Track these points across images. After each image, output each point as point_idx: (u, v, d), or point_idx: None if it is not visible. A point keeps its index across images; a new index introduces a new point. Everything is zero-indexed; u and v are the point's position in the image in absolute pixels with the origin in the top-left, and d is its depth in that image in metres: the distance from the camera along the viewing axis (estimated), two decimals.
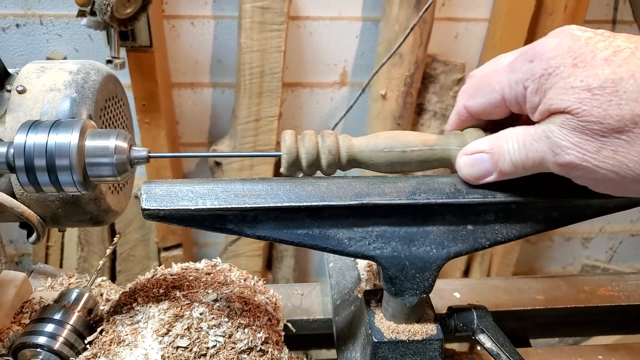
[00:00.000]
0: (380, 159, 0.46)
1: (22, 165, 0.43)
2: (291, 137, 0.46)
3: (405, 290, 0.48)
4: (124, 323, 0.53)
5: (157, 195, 0.44)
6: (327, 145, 0.45)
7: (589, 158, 0.37)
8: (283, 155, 0.45)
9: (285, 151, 0.45)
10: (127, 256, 1.56)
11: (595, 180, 0.39)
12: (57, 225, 0.61)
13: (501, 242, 0.49)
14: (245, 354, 0.51)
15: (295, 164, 0.46)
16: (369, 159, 0.46)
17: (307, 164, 0.46)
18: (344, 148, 0.46)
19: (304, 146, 0.45)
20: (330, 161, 0.46)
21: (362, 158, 0.46)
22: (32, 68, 0.59)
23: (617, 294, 0.74)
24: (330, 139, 0.46)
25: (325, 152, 0.45)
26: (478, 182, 0.45)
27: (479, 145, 0.44)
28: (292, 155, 0.45)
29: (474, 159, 0.44)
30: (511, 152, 0.41)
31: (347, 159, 0.46)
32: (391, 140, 0.46)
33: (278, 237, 0.46)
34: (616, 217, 1.88)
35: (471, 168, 0.45)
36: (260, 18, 1.27)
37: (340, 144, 0.46)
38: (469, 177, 0.45)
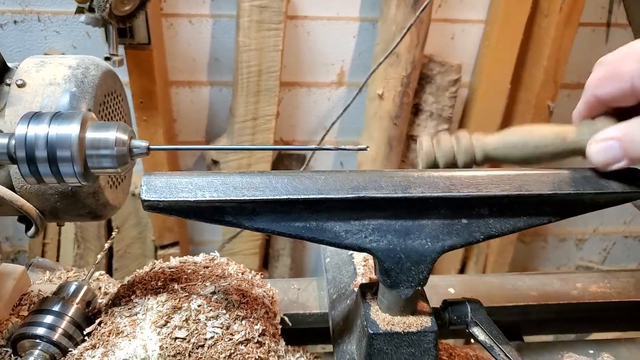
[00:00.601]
0: (515, 156, 0.48)
1: (23, 156, 0.43)
2: (428, 142, 0.48)
3: (401, 282, 0.48)
4: (123, 315, 0.53)
5: (157, 186, 0.44)
6: (463, 147, 0.48)
7: None
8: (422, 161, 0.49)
9: (425, 159, 0.48)
10: (123, 253, 1.56)
11: None
12: (55, 219, 0.61)
13: (495, 236, 0.49)
14: (242, 346, 0.51)
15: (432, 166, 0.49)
16: (504, 156, 0.48)
17: (444, 166, 0.49)
18: (479, 148, 0.48)
19: (441, 152, 0.48)
20: (466, 162, 0.48)
21: (497, 155, 0.48)
22: (32, 62, 0.60)
23: (609, 291, 0.75)
24: (464, 141, 0.48)
25: (461, 153, 0.48)
26: (608, 169, 0.45)
27: (610, 132, 0.44)
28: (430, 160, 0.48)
29: (605, 146, 0.44)
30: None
31: (482, 158, 0.48)
32: (525, 137, 0.47)
33: (276, 229, 0.47)
34: (610, 219, 1.89)
35: (601, 155, 0.45)
36: (258, 17, 1.28)
37: (474, 144, 0.48)
38: (598, 163, 0.45)
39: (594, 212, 1.54)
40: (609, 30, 1.55)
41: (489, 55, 1.43)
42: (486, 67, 1.45)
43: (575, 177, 0.49)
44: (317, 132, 1.59)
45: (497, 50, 1.42)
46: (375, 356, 0.50)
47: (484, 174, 0.48)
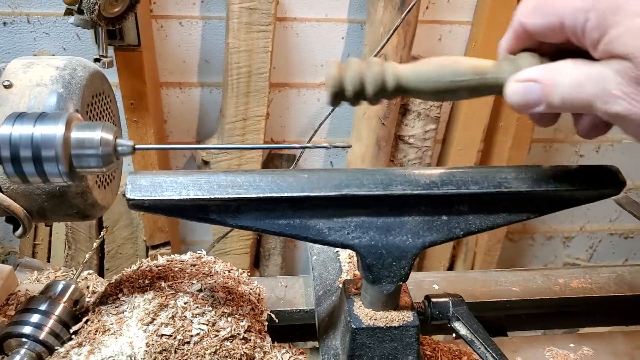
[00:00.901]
0: (429, 87, 0.44)
1: (7, 156, 0.44)
2: (336, 67, 0.43)
3: (383, 277, 0.50)
4: (110, 313, 0.54)
5: (141, 185, 0.45)
6: (373, 73, 0.43)
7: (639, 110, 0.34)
8: (328, 86, 0.43)
9: (331, 82, 0.43)
10: (115, 254, 1.56)
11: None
12: (43, 219, 0.62)
13: (475, 232, 0.51)
14: (228, 342, 0.52)
15: (340, 94, 0.43)
16: (416, 87, 0.44)
17: (353, 93, 0.43)
18: (390, 76, 0.43)
19: (350, 75, 0.43)
20: (376, 90, 0.43)
21: (410, 87, 0.44)
22: (19, 63, 0.60)
23: (590, 286, 0.76)
24: (376, 67, 0.43)
25: (371, 80, 0.43)
26: (525, 112, 0.42)
27: (531, 73, 0.41)
28: (337, 86, 0.43)
29: (525, 87, 0.41)
30: (564, 86, 0.38)
31: (393, 88, 0.43)
32: (441, 68, 0.43)
33: (260, 227, 0.47)
34: (596, 217, 1.92)
35: (520, 96, 0.41)
36: (248, 19, 1.29)
37: (386, 72, 0.43)
38: (516, 105, 0.42)
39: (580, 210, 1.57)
40: None
41: (476, 56, 1.44)
42: None
43: (553, 174, 0.50)
44: (307, 132, 1.60)
45: (483, 51, 1.44)
46: (359, 350, 0.51)
47: (463, 171, 0.50)
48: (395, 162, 1.57)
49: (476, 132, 1.56)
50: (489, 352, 0.51)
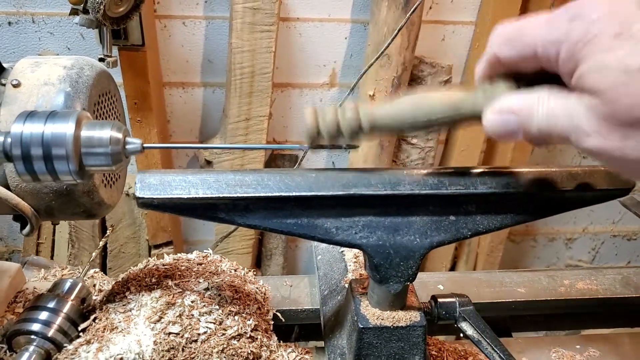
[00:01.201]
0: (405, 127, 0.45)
1: (19, 154, 0.44)
2: (312, 115, 0.45)
3: (390, 277, 0.50)
4: (117, 311, 0.54)
5: (151, 184, 0.45)
6: (348, 120, 0.45)
7: (611, 147, 0.34)
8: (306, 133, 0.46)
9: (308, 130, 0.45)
10: (117, 253, 1.56)
11: (621, 167, 0.37)
12: (50, 217, 0.62)
13: (482, 232, 0.51)
14: (235, 340, 0.52)
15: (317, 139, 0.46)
16: (393, 125, 0.45)
17: (330, 139, 0.45)
18: (365, 121, 0.45)
19: (325, 123, 0.45)
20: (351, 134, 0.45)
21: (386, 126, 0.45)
22: (27, 63, 0.60)
23: (596, 288, 0.76)
24: (350, 113, 0.45)
25: (346, 127, 0.45)
26: (504, 141, 0.43)
27: (507, 103, 0.41)
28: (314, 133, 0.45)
29: (501, 118, 0.41)
30: (540, 118, 0.38)
31: (368, 129, 0.45)
32: (416, 109, 0.44)
33: (268, 226, 0.48)
34: (599, 218, 1.92)
35: (498, 127, 0.42)
36: (251, 19, 1.29)
37: (361, 118, 0.45)
38: (494, 135, 0.42)
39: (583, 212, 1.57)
40: None
41: (479, 57, 1.45)
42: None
43: (561, 175, 0.50)
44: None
45: None
46: (365, 350, 0.52)
47: (471, 171, 0.50)
48: (398, 162, 1.57)
49: (479, 133, 1.56)
50: (497, 352, 0.51)
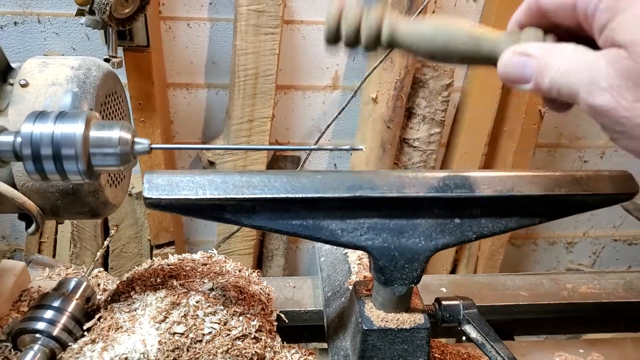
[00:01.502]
0: (422, 46, 0.43)
1: (29, 154, 0.44)
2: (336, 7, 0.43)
3: (395, 280, 0.50)
4: (122, 310, 0.54)
5: (158, 184, 0.45)
6: (369, 22, 0.43)
7: (622, 107, 0.33)
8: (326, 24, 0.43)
9: (329, 21, 0.43)
10: (119, 253, 1.56)
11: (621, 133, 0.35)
12: (56, 217, 0.62)
13: (487, 235, 0.51)
14: (239, 341, 0.53)
15: (335, 35, 0.43)
16: (411, 44, 0.43)
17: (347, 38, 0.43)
18: (387, 27, 0.43)
19: (347, 18, 0.43)
20: (369, 39, 0.43)
21: (404, 42, 0.43)
22: (35, 63, 0.61)
23: (599, 292, 0.76)
24: (374, 16, 0.43)
25: (366, 28, 0.43)
26: (513, 85, 0.40)
27: (529, 48, 0.39)
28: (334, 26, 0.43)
29: (519, 60, 0.39)
30: (556, 70, 0.37)
31: (387, 40, 0.43)
32: (438, 29, 0.42)
33: (274, 227, 0.48)
34: (600, 222, 1.92)
35: (512, 67, 0.40)
36: (256, 21, 1.29)
37: (383, 23, 0.43)
38: (504, 75, 0.40)
39: (584, 216, 1.57)
40: None
41: None
42: (478, 72, 1.47)
43: (566, 179, 0.51)
44: (311, 134, 1.60)
45: None
46: (369, 352, 0.52)
47: (477, 174, 0.50)
48: (400, 165, 1.58)
49: (480, 136, 1.56)
50: (500, 355, 0.51)
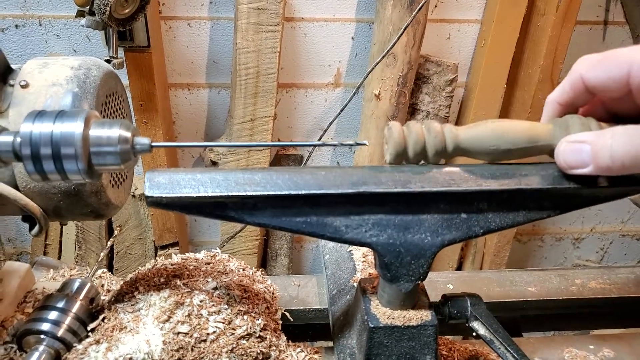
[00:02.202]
0: (485, 153, 0.47)
1: (28, 154, 0.44)
2: (398, 129, 0.47)
3: (401, 276, 0.49)
4: (126, 311, 0.54)
5: (160, 183, 0.45)
6: (434, 140, 0.47)
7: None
8: (391, 150, 0.47)
9: (395, 144, 0.47)
10: (124, 254, 1.56)
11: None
12: (59, 218, 0.62)
13: (494, 230, 0.50)
14: (244, 340, 0.52)
15: (401, 156, 0.47)
16: (475, 151, 0.47)
17: (414, 158, 0.47)
18: (450, 143, 0.47)
19: (412, 140, 0.47)
20: (436, 153, 0.47)
21: (468, 150, 0.47)
22: (35, 64, 0.60)
23: (609, 287, 0.75)
24: (435, 131, 0.47)
25: (432, 146, 0.47)
26: (572, 172, 0.45)
27: (582, 136, 0.43)
28: (400, 150, 0.47)
29: (574, 147, 0.43)
30: (614, 147, 0.40)
31: (452, 151, 0.47)
32: (498, 136, 0.46)
33: (277, 224, 0.47)
34: (607, 218, 1.90)
35: (569, 155, 0.44)
36: (256, 19, 1.29)
37: (446, 136, 0.47)
38: (564, 163, 0.44)
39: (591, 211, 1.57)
40: (606, 29, 1.57)
41: (485, 55, 1.44)
42: (482, 67, 1.46)
43: None
44: (314, 133, 1.60)
45: (493, 50, 1.43)
46: (376, 349, 0.51)
47: (483, 168, 0.49)
48: None
49: None
50: (510, 352, 0.51)
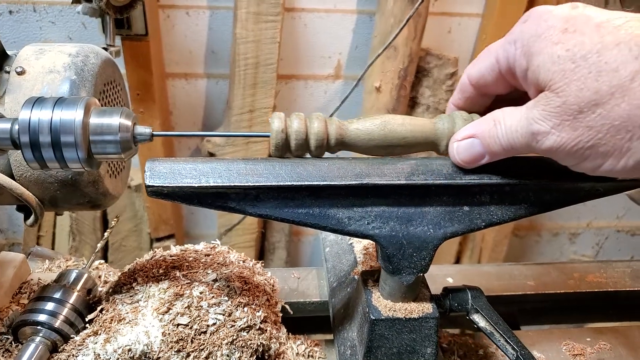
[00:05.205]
0: (370, 147, 0.47)
1: (27, 142, 0.43)
2: (280, 119, 0.46)
3: (403, 268, 0.49)
4: (124, 302, 0.53)
5: (160, 172, 0.44)
6: (315, 129, 0.46)
7: (566, 139, 0.37)
8: (272, 139, 0.46)
9: (273, 134, 0.46)
10: (119, 246, 1.55)
11: (574, 159, 0.39)
12: (55, 208, 0.61)
13: (496, 223, 0.50)
14: (244, 332, 0.52)
15: (283, 146, 0.46)
16: (361, 145, 0.47)
17: (296, 147, 0.46)
18: (334, 133, 0.46)
19: (292, 130, 0.46)
20: (318, 146, 0.46)
21: (354, 144, 0.47)
22: (31, 50, 0.59)
23: (605, 280, 0.76)
24: (318, 122, 0.46)
25: (313, 136, 0.46)
26: (472, 166, 0.46)
27: (467, 130, 0.45)
28: (280, 140, 0.46)
29: (466, 144, 0.45)
30: (500, 135, 0.42)
31: (335, 144, 0.47)
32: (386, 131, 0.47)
33: (279, 215, 0.47)
34: (603, 213, 1.91)
35: (463, 153, 0.45)
36: (256, 9, 1.27)
37: (329, 129, 0.46)
38: (462, 162, 0.46)
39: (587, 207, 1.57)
40: None
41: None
42: None
43: None
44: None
45: None
46: (377, 342, 0.51)
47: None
48: None
49: None
50: (510, 344, 0.51)
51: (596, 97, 0.35)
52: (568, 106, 0.36)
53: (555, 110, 0.37)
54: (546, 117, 0.37)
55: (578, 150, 0.37)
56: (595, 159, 0.38)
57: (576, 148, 0.37)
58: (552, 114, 0.37)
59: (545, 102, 0.37)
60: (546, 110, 0.37)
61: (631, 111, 0.34)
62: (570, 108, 0.36)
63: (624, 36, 0.34)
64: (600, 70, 0.34)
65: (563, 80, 0.36)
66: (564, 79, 0.36)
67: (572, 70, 0.35)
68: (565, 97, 0.36)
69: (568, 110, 0.36)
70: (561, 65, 0.36)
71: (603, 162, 0.37)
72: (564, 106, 0.36)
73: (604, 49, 0.35)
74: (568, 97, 0.36)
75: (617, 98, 0.34)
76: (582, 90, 0.35)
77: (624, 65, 0.34)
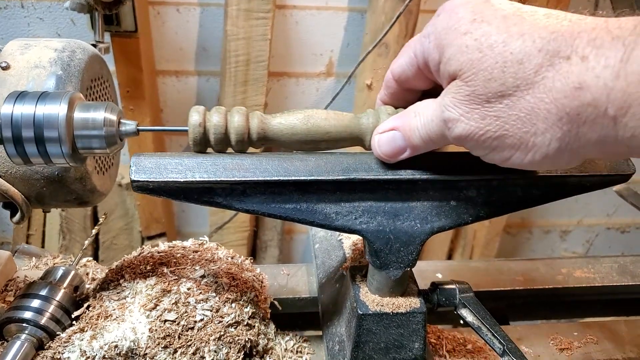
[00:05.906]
0: (294, 142, 0.46)
1: (9, 136, 0.43)
2: (198, 113, 0.45)
3: (390, 263, 0.49)
4: (111, 298, 0.53)
5: (146, 167, 0.44)
6: (235, 124, 0.45)
7: (475, 127, 0.37)
8: (189, 133, 0.45)
9: (190, 128, 0.44)
10: (109, 245, 1.54)
11: (483, 149, 0.39)
12: (41, 205, 0.61)
13: (483, 217, 0.50)
14: (232, 328, 0.51)
15: (202, 141, 0.45)
16: (285, 140, 0.46)
17: (215, 141, 0.45)
18: (256, 128, 0.45)
19: (211, 124, 0.45)
20: (238, 141, 0.45)
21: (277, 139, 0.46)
22: (16, 45, 0.59)
23: (593, 276, 0.76)
24: (239, 116, 0.45)
25: (232, 131, 0.45)
26: (394, 160, 0.45)
27: (389, 123, 0.44)
28: (197, 134, 0.44)
29: (387, 137, 0.44)
30: (419, 127, 0.42)
31: (258, 139, 0.46)
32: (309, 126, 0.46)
33: (266, 211, 0.47)
34: (593, 211, 1.92)
35: (386, 146, 0.44)
36: (247, 5, 1.27)
37: (251, 123, 0.45)
38: (384, 155, 0.45)
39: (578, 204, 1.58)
40: None
41: None
42: None
43: None
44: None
45: None
46: (365, 337, 0.51)
47: (473, 156, 0.49)
48: None
49: None
50: (497, 338, 0.51)
51: (502, 89, 0.35)
52: (477, 95, 0.36)
53: (465, 98, 0.37)
54: (456, 105, 0.37)
55: (486, 140, 0.37)
56: (503, 151, 0.37)
57: (484, 137, 0.37)
58: (462, 101, 0.37)
59: (455, 90, 0.37)
60: (456, 98, 0.37)
61: (535, 104, 0.34)
62: (478, 97, 0.36)
63: (529, 28, 0.34)
64: (505, 61, 0.35)
65: (471, 69, 0.36)
66: (472, 69, 0.36)
67: (479, 60, 0.35)
68: (474, 86, 0.36)
69: (477, 99, 0.36)
70: (469, 54, 0.36)
71: (511, 155, 0.38)
72: (472, 95, 0.36)
73: (509, 39, 0.35)
74: (476, 86, 0.36)
75: (522, 90, 0.34)
76: (489, 81, 0.35)
77: (528, 58, 0.34)
